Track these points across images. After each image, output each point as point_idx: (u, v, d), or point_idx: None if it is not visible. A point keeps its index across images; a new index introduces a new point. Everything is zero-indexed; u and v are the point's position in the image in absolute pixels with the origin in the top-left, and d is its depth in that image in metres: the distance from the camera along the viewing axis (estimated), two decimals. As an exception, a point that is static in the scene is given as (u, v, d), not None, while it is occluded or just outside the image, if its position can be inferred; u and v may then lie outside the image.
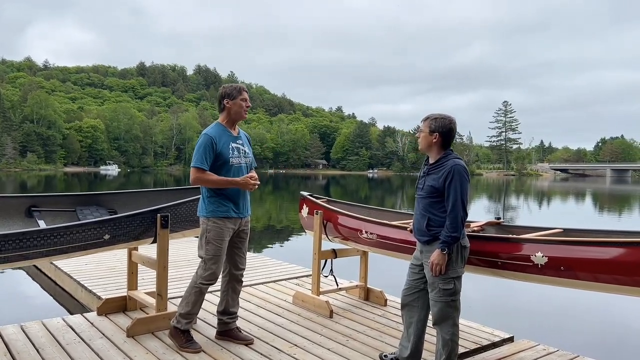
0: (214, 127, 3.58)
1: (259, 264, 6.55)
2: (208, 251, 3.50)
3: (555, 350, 3.76)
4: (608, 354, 4.17)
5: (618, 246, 2.64)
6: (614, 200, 30.94)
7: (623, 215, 20.76)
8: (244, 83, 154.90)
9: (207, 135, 3.48)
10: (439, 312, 3.04)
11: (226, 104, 3.57)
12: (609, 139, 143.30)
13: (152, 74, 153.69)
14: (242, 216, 3.60)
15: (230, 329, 3.75)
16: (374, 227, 3.96)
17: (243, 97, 3.57)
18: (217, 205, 3.50)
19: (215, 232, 3.48)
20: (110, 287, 5.19)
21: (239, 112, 3.57)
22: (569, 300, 6.43)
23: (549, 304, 6.36)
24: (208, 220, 3.50)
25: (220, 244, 3.49)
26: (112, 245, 3.73)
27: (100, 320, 4.09)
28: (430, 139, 3.06)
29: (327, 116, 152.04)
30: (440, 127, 3.03)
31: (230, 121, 3.60)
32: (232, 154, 3.53)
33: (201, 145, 3.44)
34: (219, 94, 3.64)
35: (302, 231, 13.73)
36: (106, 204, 4.35)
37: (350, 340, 3.83)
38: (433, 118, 3.07)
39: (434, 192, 3.01)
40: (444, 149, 3.07)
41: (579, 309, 6.26)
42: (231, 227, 3.53)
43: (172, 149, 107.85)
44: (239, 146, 3.61)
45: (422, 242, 3.12)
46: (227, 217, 3.50)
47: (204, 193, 3.56)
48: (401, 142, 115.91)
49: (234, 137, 3.59)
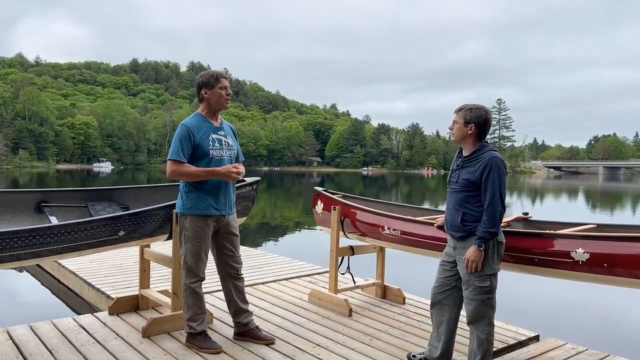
0: (192, 117, 3.37)
1: (268, 261, 6.42)
2: (187, 249, 3.33)
3: (584, 349, 3.66)
4: (636, 353, 4.07)
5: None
6: (606, 198, 31.06)
7: (615, 212, 20.83)
8: (237, 79, 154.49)
9: (184, 126, 3.27)
10: (475, 311, 2.93)
11: (204, 95, 3.33)
12: (602, 137, 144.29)
13: (145, 71, 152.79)
14: (223, 213, 3.39)
15: (250, 329, 3.61)
16: (398, 223, 3.84)
17: (222, 85, 3.32)
18: (195, 201, 3.30)
19: (193, 230, 3.29)
20: (119, 285, 5.03)
21: (219, 101, 3.34)
22: (590, 297, 6.34)
23: (571, 302, 6.27)
24: (185, 218, 3.31)
25: (200, 242, 3.32)
26: (126, 242, 3.58)
27: (113, 320, 3.94)
28: (465, 130, 2.93)
29: (321, 113, 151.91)
30: (476, 117, 2.90)
31: (211, 111, 3.38)
32: (212, 145, 3.31)
33: (177, 137, 3.24)
34: (196, 83, 3.40)
35: (309, 227, 13.78)
36: (118, 199, 4.20)
37: (373, 339, 3.71)
38: (468, 109, 2.94)
39: (470, 186, 2.89)
40: (479, 140, 2.95)
41: (600, 306, 6.17)
42: (212, 224, 3.35)
43: (166, 146, 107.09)
44: (221, 137, 3.39)
45: (455, 238, 3.00)
46: (206, 214, 3.31)
47: (182, 188, 3.36)
48: (395, 140, 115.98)
49: (215, 128, 3.37)
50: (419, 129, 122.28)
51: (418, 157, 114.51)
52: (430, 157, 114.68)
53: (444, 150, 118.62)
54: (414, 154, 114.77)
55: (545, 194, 34.28)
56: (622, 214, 19.94)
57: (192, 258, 3.35)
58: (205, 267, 3.42)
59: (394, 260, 5.17)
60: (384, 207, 4.59)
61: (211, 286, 4.68)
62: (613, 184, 56.41)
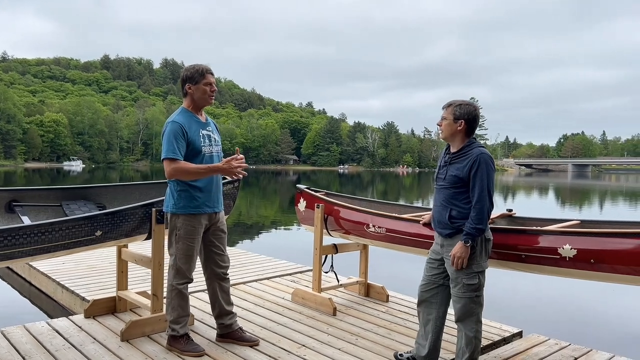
0: (180, 113, 3.24)
1: (248, 260, 6.31)
2: (178, 249, 3.22)
3: (567, 345, 3.70)
4: (619, 347, 4.13)
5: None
6: (575, 194, 31.87)
7: (583, 208, 21.40)
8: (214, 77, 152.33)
9: (175, 123, 3.14)
10: (463, 309, 2.91)
11: (188, 90, 3.22)
12: (571, 135, 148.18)
13: (117, 67, 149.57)
14: (216, 210, 3.32)
15: (234, 330, 3.51)
16: (383, 220, 3.79)
17: (207, 80, 3.21)
18: (188, 200, 3.18)
19: (186, 229, 3.19)
20: (94, 287, 4.86)
21: (204, 97, 3.22)
22: (571, 292, 6.43)
23: (552, 297, 6.35)
24: (178, 217, 3.20)
25: (192, 242, 3.22)
26: (103, 242, 3.44)
27: (89, 324, 3.79)
28: (454, 126, 2.90)
29: (297, 111, 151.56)
30: (466, 113, 2.88)
31: (196, 107, 3.28)
32: (203, 141, 3.22)
33: (170, 134, 3.09)
34: (181, 77, 3.28)
35: (287, 226, 13.67)
36: (94, 198, 4.04)
37: (359, 339, 3.66)
38: (457, 104, 2.91)
39: (458, 182, 2.86)
40: (468, 137, 2.93)
41: (581, 301, 6.26)
42: (204, 223, 3.26)
43: (139, 144, 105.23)
44: (209, 134, 3.31)
45: (443, 236, 2.97)
46: (200, 213, 3.21)
47: (172, 186, 3.23)
48: (371, 138, 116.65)
49: (203, 124, 3.28)
50: (394, 128, 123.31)
51: (393, 155, 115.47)
52: (405, 155, 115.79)
53: (419, 149, 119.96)
54: (389, 152, 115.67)
55: (518, 191, 34.95)
56: (590, 210, 20.50)
57: (183, 258, 3.24)
58: (195, 268, 3.32)
59: (376, 258, 5.14)
60: (369, 205, 4.56)
61: (191, 287, 4.55)
62: (581, 181, 57.97)
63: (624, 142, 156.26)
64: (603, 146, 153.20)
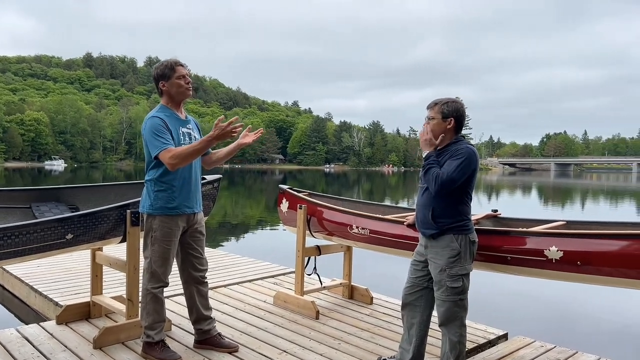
0: (159, 110, 3.10)
1: (230, 262, 6.18)
2: (154, 252, 3.08)
3: (553, 347, 3.64)
4: (605, 349, 4.11)
5: (638, 239, 2.49)
6: (557, 193, 32.24)
7: (566, 207, 21.64)
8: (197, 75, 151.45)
9: (155, 118, 3.00)
10: (446, 312, 2.82)
11: (163, 87, 3.09)
12: (553, 134, 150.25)
13: (100, 65, 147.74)
14: (195, 211, 3.19)
15: (212, 336, 3.39)
16: (366, 221, 3.70)
17: (179, 74, 3.07)
18: (165, 200, 3.05)
19: (162, 231, 3.06)
20: (68, 291, 4.69)
21: (180, 91, 3.09)
22: (556, 293, 6.42)
23: (536, 298, 6.33)
24: (154, 218, 3.06)
25: (169, 244, 3.09)
26: (75, 245, 3.30)
27: (61, 330, 3.64)
28: (444, 125, 2.81)
29: (283, 111, 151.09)
30: (454, 111, 2.80)
31: (175, 103, 3.14)
32: (183, 140, 3.09)
33: (152, 128, 2.96)
34: (153, 77, 3.16)
35: (272, 226, 13.53)
36: (66, 199, 3.88)
37: (342, 343, 3.57)
38: (444, 103, 2.83)
39: (442, 180, 2.77)
40: (456, 134, 2.84)
41: (566, 303, 6.25)
42: (182, 224, 3.13)
43: (122, 144, 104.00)
44: (189, 131, 3.18)
45: (427, 237, 2.88)
46: (177, 214, 3.09)
47: (149, 186, 3.09)
48: (357, 137, 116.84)
49: (182, 122, 3.16)
50: (380, 127, 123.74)
51: (379, 155, 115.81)
52: (390, 155, 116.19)
53: (404, 148, 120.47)
54: (375, 152, 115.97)
55: (502, 190, 35.24)
56: (573, 209, 20.73)
57: (159, 261, 3.10)
58: (171, 271, 3.18)
59: (360, 260, 5.05)
60: (352, 205, 4.47)
61: (169, 290, 4.42)
62: (564, 180, 58.75)
63: (604, 141, 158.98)
64: (584, 145, 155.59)
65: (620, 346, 4.75)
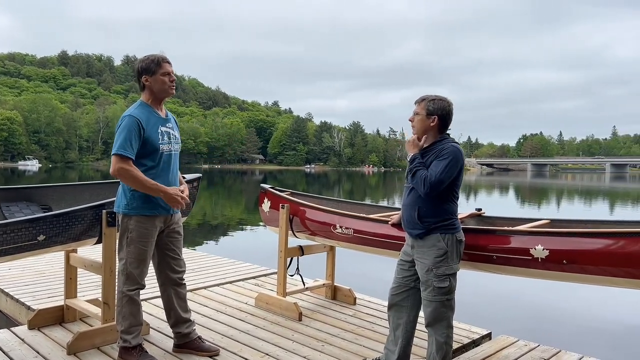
0: (138, 107, 2.98)
1: (209, 263, 6.05)
2: (130, 253, 2.97)
3: (536, 346, 3.64)
4: (588, 347, 4.13)
5: (624, 237, 2.49)
6: (534, 193, 32.79)
7: (542, 206, 22.02)
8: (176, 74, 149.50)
9: (132, 117, 2.88)
10: (433, 313, 2.78)
11: (145, 82, 2.98)
12: (530, 135, 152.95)
13: (76, 64, 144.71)
14: (172, 212, 3.09)
15: (192, 339, 3.29)
16: (351, 221, 3.64)
17: (164, 70, 2.97)
18: (142, 200, 2.94)
19: (139, 232, 2.95)
20: (41, 295, 4.52)
21: (163, 89, 2.99)
22: (537, 292, 6.45)
23: (518, 297, 6.36)
24: (130, 219, 2.95)
25: (145, 245, 2.99)
26: (47, 247, 3.17)
27: (33, 336, 3.49)
28: (427, 122, 2.77)
29: (263, 110, 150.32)
30: (439, 109, 2.75)
31: (156, 100, 3.03)
32: (161, 139, 2.98)
33: (125, 129, 2.84)
34: (135, 69, 3.03)
35: (252, 226, 13.39)
36: (38, 199, 3.73)
37: (326, 345, 3.50)
38: (431, 99, 2.79)
39: (428, 179, 2.73)
40: (440, 133, 2.80)
41: (549, 301, 6.29)
42: (159, 225, 3.03)
43: (99, 143, 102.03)
44: (169, 130, 3.07)
45: (413, 237, 2.84)
46: (154, 214, 2.98)
47: (125, 186, 2.98)
48: (337, 138, 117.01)
49: (162, 120, 3.04)
50: (360, 127, 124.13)
51: (359, 155, 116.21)
52: (371, 155, 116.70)
53: (384, 148, 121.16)
54: (355, 152, 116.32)
55: (480, 190, 35.67)
56: (549, 208, 21.12)
57: (135, 263, 2.99)
58: (147, 273, 3.07)
59: (343, 260, 4.98)
60: (335, 205, 4.41)
61: (145, 292, 4.29)
62: (540, 180, 59.84)
63: (579, 142, 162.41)
64: (560, 146, 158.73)
65: (604, 345, 4.79)
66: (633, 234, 2.47)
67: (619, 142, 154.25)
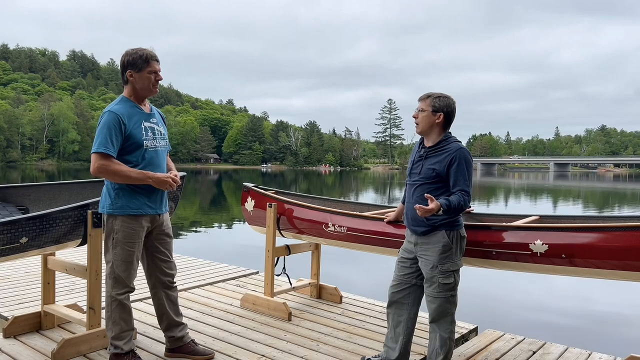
0: (120, 102, 2.88)
1: (185, 264, 5.88)
2: (117, 255, 2.86)
3: (523, 339, 3.75)
4: (572, 339, 4.29)
5: (623, 231, 2.59)
6: (483, 191, 33.97)
7: (491, 203, 22.86)
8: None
9: (112, 113, 2.77)
10: (438, 309, 2.81)
11: (130, 77, 2.86)
12: (479, 135, 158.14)
13: (18, 58, 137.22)
14: (159, 212, 2.99)
15: (185, 343, 3.18)
16: (344, 219, 3.62)
17: (151, 68, 2.86)
18: (127, 199, 2.84)
19: (124, 232, 2.84)
20: (10, 301, 4.25)
21: (147, 87, 2.89)
22: (519, 285, 6.63)
23: (501, 291, 6.51)
24: (115, 219, 2.84)
25: (132, 246, 2.88)
26: (30, 250, 2.98)
27: (10, 345, 3.27)
28: (432, 119, 2.80)
29: (217, 109, 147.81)
30: (445, 106, 2.78)
31: (138, 97, 2.94)
32: (145, 134, 2.88)
33: (105, 125, 2.74)
34: (121, 62, 2.91)
35: (219, 226, 13.12)
36: (14, 199, 3.50)
37: (320, 344, 3.47)
38: (436, 96, 2.81)
39: (435, 177, 2.76)
40: (444, 130, 2.83)
41: (530, 294, 6.47)
42: (146, 225, 2.93)
43: (44, 142, 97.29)
44: (154, 126, 2.97)
45: (418, 234, 2.85)
46: (140, 214, 2.88)
47: (109, 185, 2.87)
48: (294, 137, 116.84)
49: (146, 115, 2.94)
50: (316, 127, 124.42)
51: (316, 154, 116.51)
52: (327, 155, 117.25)
53: (340, 148, 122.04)
54: (312, 151, 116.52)
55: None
56: (496, 204, 21.93)
57: (122, 265, 2.85)
58: (136, 275, 2.94)
59: (326, 258, 4.95)
60: (322, 203, 4.37)
61: (134, 295, 4.11)
62: (489, 179, 62.00)
63: (525, 142, 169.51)
64: (507, 146, 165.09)
65: (588, 335, 5.00)
66: (630, 227, 2.57)
67: (562, 143, 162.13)
